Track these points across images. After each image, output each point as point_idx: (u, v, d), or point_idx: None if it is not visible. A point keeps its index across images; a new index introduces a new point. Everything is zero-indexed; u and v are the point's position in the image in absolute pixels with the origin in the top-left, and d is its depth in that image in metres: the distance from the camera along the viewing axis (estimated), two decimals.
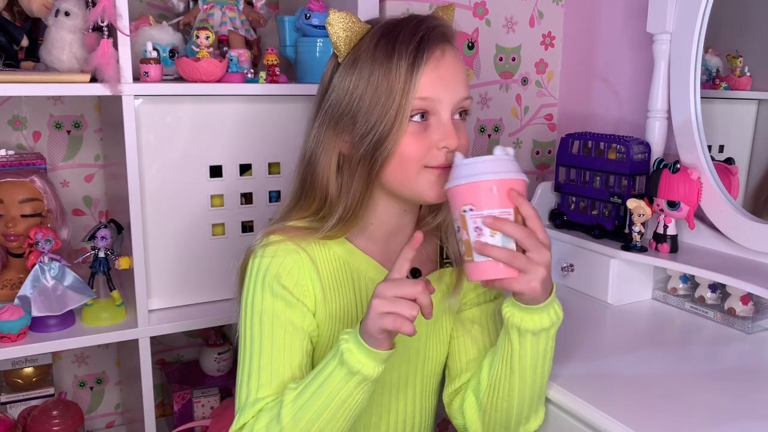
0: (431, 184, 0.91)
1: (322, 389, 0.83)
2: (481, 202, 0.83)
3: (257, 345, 0.91)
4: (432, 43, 0.90)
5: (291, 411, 0.84)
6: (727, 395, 0.97)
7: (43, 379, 1.57)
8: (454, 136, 0.90)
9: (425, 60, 0.89)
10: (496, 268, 0.83)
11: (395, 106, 0.88)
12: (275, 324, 0.91)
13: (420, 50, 0.89)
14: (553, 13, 1.73)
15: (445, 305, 1.01)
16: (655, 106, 1.35)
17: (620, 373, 1.04)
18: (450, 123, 0.91)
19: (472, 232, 0.84)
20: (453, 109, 0.92)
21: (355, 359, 0.82)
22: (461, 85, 0.92)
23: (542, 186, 1.50)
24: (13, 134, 1.51)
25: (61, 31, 1.19)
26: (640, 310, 1.31)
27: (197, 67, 1.24)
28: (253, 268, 0.95)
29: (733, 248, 1.25)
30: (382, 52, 0.90)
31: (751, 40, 1.34)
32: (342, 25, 0.92)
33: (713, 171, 1.28)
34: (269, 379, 0.90)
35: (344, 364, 0.82)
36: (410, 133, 0.90)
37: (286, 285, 0.92)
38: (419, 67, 0.88)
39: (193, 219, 1.33)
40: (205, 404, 1.60)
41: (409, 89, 0.88)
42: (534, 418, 0.96)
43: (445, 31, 0.94)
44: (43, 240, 1.24)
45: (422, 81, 0.89)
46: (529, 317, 0.86)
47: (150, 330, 1.28)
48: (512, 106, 1.73)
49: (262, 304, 0.92)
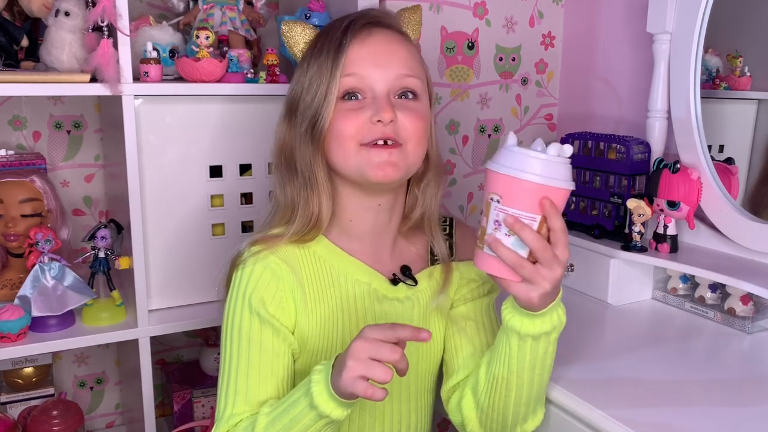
0: (370, 162, 0.91)
1: (292, 424, 0.84)
2: (511, 199, 0.80)
3: (234, 361, 0.93)
4: (359, 24, 0.94)
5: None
6: (727, 395, 0.97)
7: (43, 379, 1.57)
8: (388, 109, 0.90)
9: (350, 39, 0.92)
10: (501, 266, 0.82)
11: (324, 83, 0.92)
12: (252, 342, 0.93)
13: (347, 32, 0.92)
14: (553, 13, 1.73)
15: (434, 304, 1.01)
16: (655, 106, 1.35)
17: (620, 373, 1.04)
18: (385, 98, 0.91)
19: (491, 222, 0.81)
20: (391, 88, 0.92)
21: (324, 404, 0.82)
22: (395, 62, 0.93)
23: None
24: (13, 134, 1.51)
25: (61, 31, 1.19)
26: (640, 310, 1.31)
27: (197, 67, 1.24)
28: (234, 281, 0.96)
29: (733, 248, 1.25)
30: (317, 44, 0.96)
31: (751, 40, 1.34)
32: (292, 32, 1.01)
33: (713, 171, 1.28)
34: (244, 397, 0.91)
35: (314, 407, 0.82)
36: (343, 110, 0.92)
37: (264, 302, 0.93)
38: (344, 46, 0.92)
39: (193, 219, 1.33)
40: (205, 404, 1.60)
41: (336, 66, 0.91)
42: (532, 419, 0.95)
43: (377, 16, 0.96)
44: (43, 240, 1.24)
45: (349, 58, 0.91)
46: (530, 321, 0.85)
47: (150, 330, 1.28)
48: (512, 106, 1.73)
49: (240, 321, 0.94)
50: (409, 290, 1.00)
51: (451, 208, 1.71)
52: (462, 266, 1.04)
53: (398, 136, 0.92)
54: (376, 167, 0.91)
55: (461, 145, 1.69)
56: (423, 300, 1.01)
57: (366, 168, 0.91)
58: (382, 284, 0.99)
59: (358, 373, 0.79)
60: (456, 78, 1.64)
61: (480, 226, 0.84)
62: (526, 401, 0.91)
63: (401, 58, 0.94)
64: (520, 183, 0.79)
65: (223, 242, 1.36)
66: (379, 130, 0.90)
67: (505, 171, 0.80)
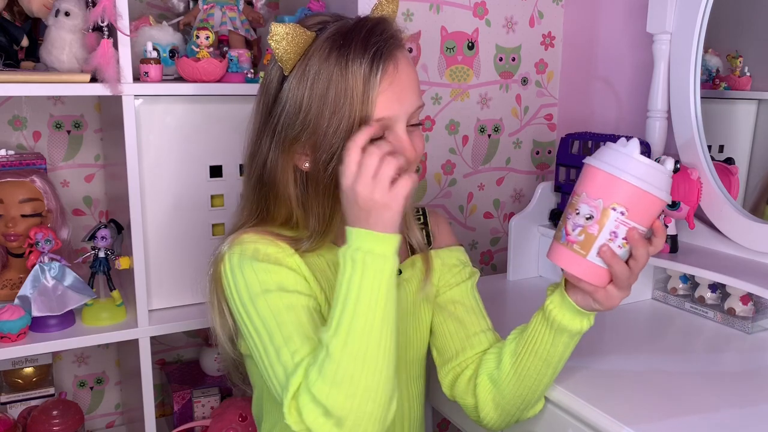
0: None
1: (359, 304, 0.80)
2: (637, 214, 0.80)
3: (266, 328, 0.87)
4: (386, 56, 0.87)
5: (337, 341, 0.79)
6: (727, 395, 0.97)
7: (43, 379, 1.57)
8: (410, 149, 0.90)
9: (380, 78, 0.86)
10: (601, 274, 0.82)
11: (348, 123, 0.86)
12: (270, 300, 0.87)
13: (375, 66, 0.86)
14: (553, 13, 1.73)
15: (421, 295, 1.02)
16: (655, 106, 1.35)
17: (620, 372, 1.04)
18: (405, 137, 0.90)
19: (605, 232, 0.80)
20: (407, 121, 0.91)
21: (384, 244, 0.81)
22: (415, 95, 0.92)
23: (542, 186, 1.50)
24: (13, 134, 1.51)
25: (61, 31, 1.19)
26: (640, 310, 1.31)
27: (197, 67, 1.24)
28: (226, 266, 0.92)
29: (733, 248, 1.25)
30: (335, 66, 0.86)
31: (751, 40, 1.34)
32: (288, 38, 0.88)
33: (713, 171, 1.28)
34: (297, 344, 0.84)
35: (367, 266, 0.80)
36: None
37: (266, 257, 0.90)
38: (374, 87, 0.86)
39: (193, 219, 1.33)
40: (205, 404, 1.60)
41: (366, 113, 0.86)
42: (540, 402, 1.00)
43: (396, 38, 0.91)
44: (43, 240, 1.24)
45: (379, 102, 0.86)
46: (579, 320, 0.88)
47: (150, 330, 1.28)
48: (512, 106, 1.73)
49: (248, 290, 0.88)
50: None
51: (451, 208, 1.71)
52: (442, 253, 1.06)
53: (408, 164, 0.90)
54: None
55: (461, 145, 1.69)
56: (410, 289, 1.02)
57: None
58: None
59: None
60: (456, 78, 1.64)
61: (577, 228, 0.82)
62: (543, 390, 0.96)
63: (417, 86, 0.92)
64: (652, 200, 0.80)
65: None
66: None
67: (638, 183, 0.79)
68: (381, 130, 0.88)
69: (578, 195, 0.83)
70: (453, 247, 1.09)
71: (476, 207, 1.74)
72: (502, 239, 1.80)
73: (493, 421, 1.00)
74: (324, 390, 0.78)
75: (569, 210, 0.84)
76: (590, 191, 0.81)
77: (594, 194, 0.81)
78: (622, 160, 0.80)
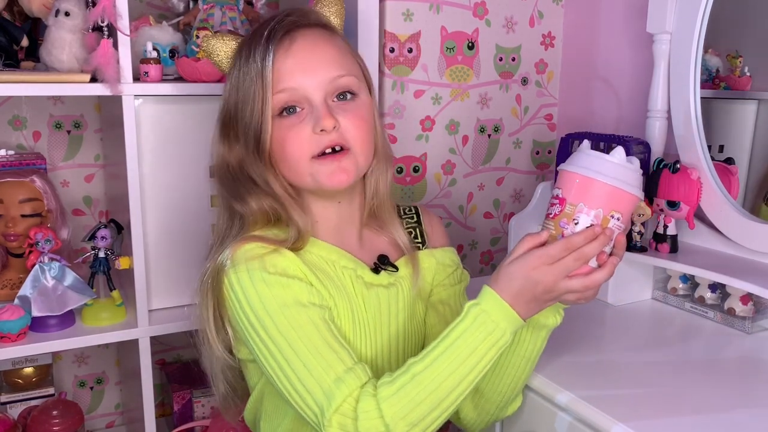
0: (323, 172, 0.92)
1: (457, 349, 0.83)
2: (626, 216, 0.86)
3: (289, 344, 0.85)
4: (278, 33, 0.91)
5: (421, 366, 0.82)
6: (727, 395, 0.97)
7: (43, 379, 1.57)
8: (328, 116, 0.90)
9: (273, 52, 0.90)
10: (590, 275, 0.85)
11: (258, 103, 0.90)
12: (288, 315, 0.86)
13: (268, 44, 0.90)
14: (553, 13, 1.73)
15: (414, 291, 1.02)
16: (655, 106, 1.35)
17: (620, 373, 1.04)
18: (323, 105, 0.91)
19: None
20: (326, 92, 0.91)
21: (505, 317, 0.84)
22: (325, 65, 0.92)
23: (542, 186, 1.50)
24: (13, 134, 1.51)
25: (61, 31, 1.19)
26: (640, 310, 1.31)
27: (197, 67, 1.24)
28: (233, 283, 0.89)
29: (733, 248, 1.25)
30: (242, 57, 0.93)
31: (751, 40, 1.34)
32: (222, 48, 1.00)
33: (713, 171, 1.28)
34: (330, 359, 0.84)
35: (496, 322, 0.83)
36: (283, 128, 0.91)
37: (274, 268, 0.89)
38: (268, 61, 0.90)
39: (193, 219, 1.33)
40: (205, 404, 1.60)
41: (266, 85, 0.90)
42: (519, 399, 1.01)
43: (296, 21, 0.93)
44: (43, 240, 1.24)
45: (277, 73, 0.90)
46: (553, 316, 0.91)
47: (150, 330, 1.28)
48: (512, 106, 1.73)
49: (264, 305, 0.87)
50: (391, 277, 1.01)
51: (450, 208, 1.71)
52: (437, 253, 1.07)
53: (345, 140, 0.92)
54: (329, 176, 0.92)
55: (461, 145, 1.69)
56: (406, 286, 1.02)
57: (319, 178, 0.92)
58: (365, 272, 0.99)
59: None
60: (456, 78, 1.64)
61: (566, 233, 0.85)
62: (521, 386, 0.97)
63: (330, 58, 0.93)
64: (634, 200, 0.85)
65: None
66: (325, 139, 0.91)
67: (629, 190, 0.84)
68: (294, 100, 0.91)
69: (573, 205, 0.85)
70: (447, 248, 1.09)
71: (476, 207, 1.74)
72: (502, 239, 1.80)
73: (472, 421, 1.00)
74: (393, 410, 0.80)
75: (561, 220, 0.85)
76: (589, 202, 0.84)
77: (593, 204, 0.84)
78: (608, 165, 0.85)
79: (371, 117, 0.97)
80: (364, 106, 0.96)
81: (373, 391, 0.82)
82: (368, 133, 0.95)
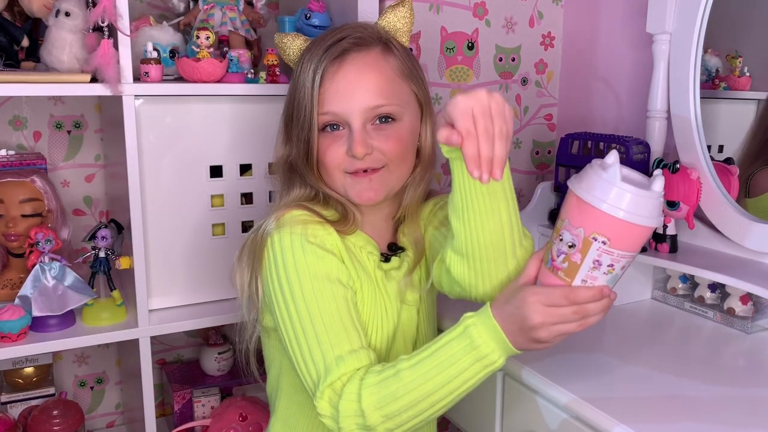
0: (354, 189, 0.99)
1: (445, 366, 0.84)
2: (623, 243, 0.76)
3: (308, 312, 0.91)
4: (332, 53, 0.96)
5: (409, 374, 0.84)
6: (727, 395, 0.97)
7: (43, 379, 1.57)
8: (361, 144, 0.95)
9: (322, 74, 0.96)
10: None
11: (307, 120, 0.97)
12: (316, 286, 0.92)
13: (320, 62, 0.96)
14: (553, 13, 1.73)
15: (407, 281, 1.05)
16: (654, 106, 1.35)
17: (620, 372, 1.04)
18: (358, 131, 0.96)
19: (588, 261, 0.77)
20: (365, 119, 0.96)
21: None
22: (367, 94, 0.96)
23: (542, 186, 1.50)
24: (14, 134, 1.51)
25: (62, 31, 1.19)
26: (639, 310, 1.31)
27: (197, 67, 1.24)
28: (275, 244, 0.95)
29: (733, 248, 1.25)
30: (302, 62, 1.00)
31: (751, 40, 1.34)
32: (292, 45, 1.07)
33: (713, 171, 1.28)
34: (338, 336, 0.89)
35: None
36: (325, 142, 0.98)
37: (315, 240, 0.95)
38: (316, 81, 0.96)
39: (194, 219, 1.33)
40: (205, 404, 1.60)
41: (312, 105, 0.97)
42: (526, 240, 0.94)
43: (353, 41, 0.98)
44: (44, 240, 1.24)
45: (321, 97, 0.96)
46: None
47: (150, 330, 1.28)
48: (512, 107, 1.73)
49: (296, 269, 0.92)
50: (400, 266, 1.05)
51: None
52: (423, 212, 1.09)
53: (378, 162, 0.98)
54: (358, 194, 0.99)
55: None
56: (398, 277, 1.05)
57: (349, 193, 1.00)
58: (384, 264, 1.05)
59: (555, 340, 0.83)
60: (456, 78, 1.65)
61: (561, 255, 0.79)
62: (510, 228, 0.90)
63: (373, 87, 0.97)
64: (637, 229, 0.75)
65: (223, 242, 1.36)
66: (357, 163, 0.97)
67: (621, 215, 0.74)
68: (336, 121, 0.97)
69: (562, 220, 0.80)
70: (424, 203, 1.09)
71: None
72: None
73: (480, 290, 0.94)
74: (372, 399, 0.84)
75: (554, 234, 0.82)
76: (572, 219, 0.78)
77: (575, 222, 0.77)
78: (602, 187, 0.75)
79: (411, 136, 1.01)
80: (404, 127, 1.00)
81: (362, 377, 0.86)
82: (404, 152, 1.00)
